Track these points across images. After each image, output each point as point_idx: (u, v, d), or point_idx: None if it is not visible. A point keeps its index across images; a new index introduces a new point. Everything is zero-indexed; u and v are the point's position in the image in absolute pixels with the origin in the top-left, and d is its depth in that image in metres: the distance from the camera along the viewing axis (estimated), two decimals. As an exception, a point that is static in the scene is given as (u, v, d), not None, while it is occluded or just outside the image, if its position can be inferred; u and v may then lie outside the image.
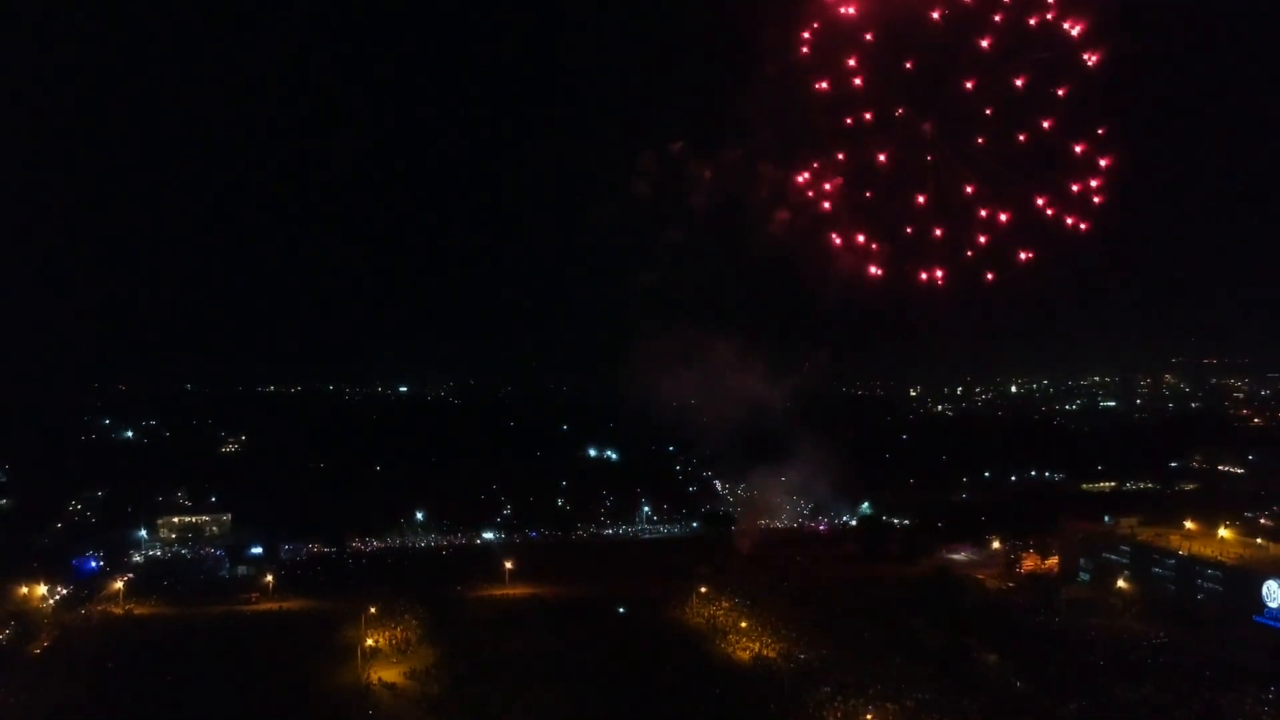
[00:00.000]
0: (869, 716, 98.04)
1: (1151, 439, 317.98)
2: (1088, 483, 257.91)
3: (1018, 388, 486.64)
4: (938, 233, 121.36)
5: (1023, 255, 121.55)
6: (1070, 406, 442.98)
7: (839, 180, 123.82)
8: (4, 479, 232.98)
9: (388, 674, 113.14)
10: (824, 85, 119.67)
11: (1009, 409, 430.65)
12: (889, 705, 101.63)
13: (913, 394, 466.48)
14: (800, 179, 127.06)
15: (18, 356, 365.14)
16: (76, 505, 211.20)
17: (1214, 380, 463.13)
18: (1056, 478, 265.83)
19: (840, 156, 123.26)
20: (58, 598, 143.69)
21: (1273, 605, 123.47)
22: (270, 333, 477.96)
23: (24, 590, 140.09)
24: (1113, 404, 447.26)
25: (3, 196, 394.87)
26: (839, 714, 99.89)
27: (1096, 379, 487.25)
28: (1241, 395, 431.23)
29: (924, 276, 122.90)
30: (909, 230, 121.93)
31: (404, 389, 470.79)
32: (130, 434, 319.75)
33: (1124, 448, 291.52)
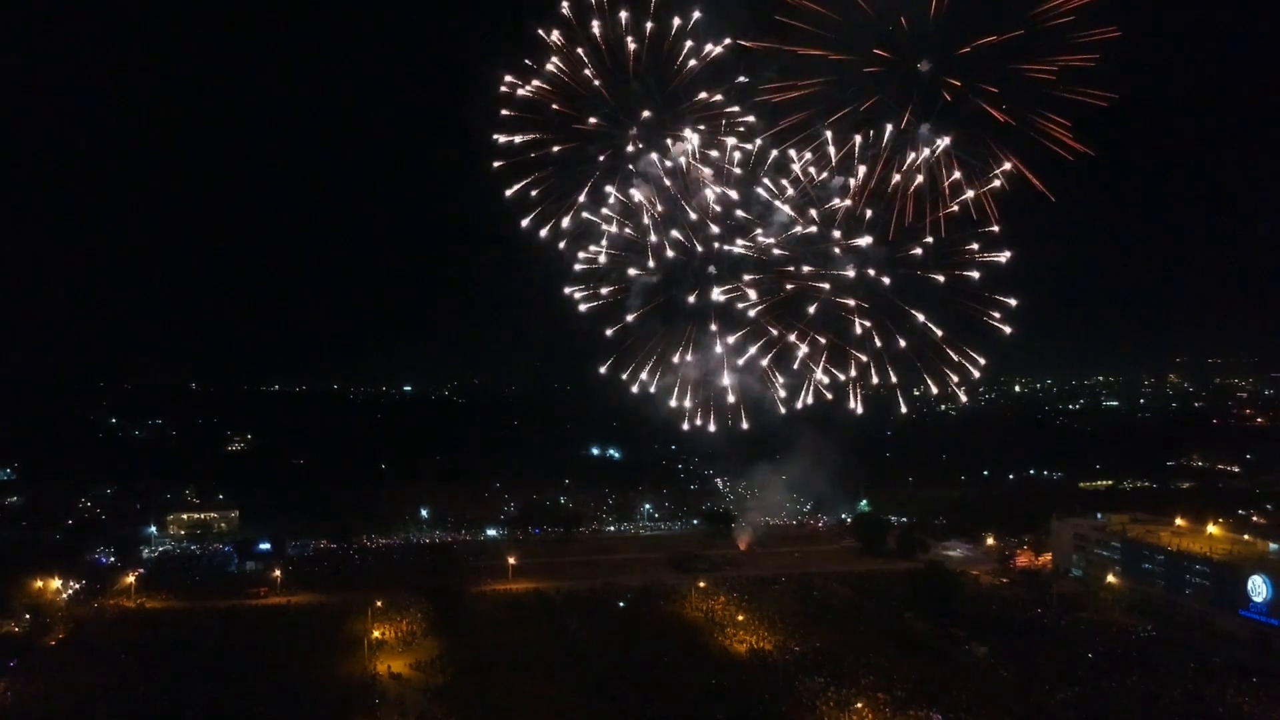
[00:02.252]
0: (860, 704, 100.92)
1: (1151, 438, 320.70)
2: (1086, 481, 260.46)
3: (1021, 387, 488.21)
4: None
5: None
6: (1073, 406, 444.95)
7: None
8: (14, 477, 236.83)
9: (394, 665, 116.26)
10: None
11: (1011, 408, 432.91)
12: (880, 695, 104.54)
13: (916, 393, 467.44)
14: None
15: (24, 356, 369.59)
16: (86, 502, 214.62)
17: (1218, 380, 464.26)
18: (1055, 476, 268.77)
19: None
20: (71, 591, 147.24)
21: (1257, 599, 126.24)
22: (275, 332, 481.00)
23: (39, 584, 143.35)
24: (1115, 404, 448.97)
25: (10, 197, 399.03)
26: (831, 703, 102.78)
27: (1100, 379, 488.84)
28: (1245, 395, 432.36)
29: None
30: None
31: (408, 388, 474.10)
32: (137, 433, 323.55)
33: (1123, 447, 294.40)
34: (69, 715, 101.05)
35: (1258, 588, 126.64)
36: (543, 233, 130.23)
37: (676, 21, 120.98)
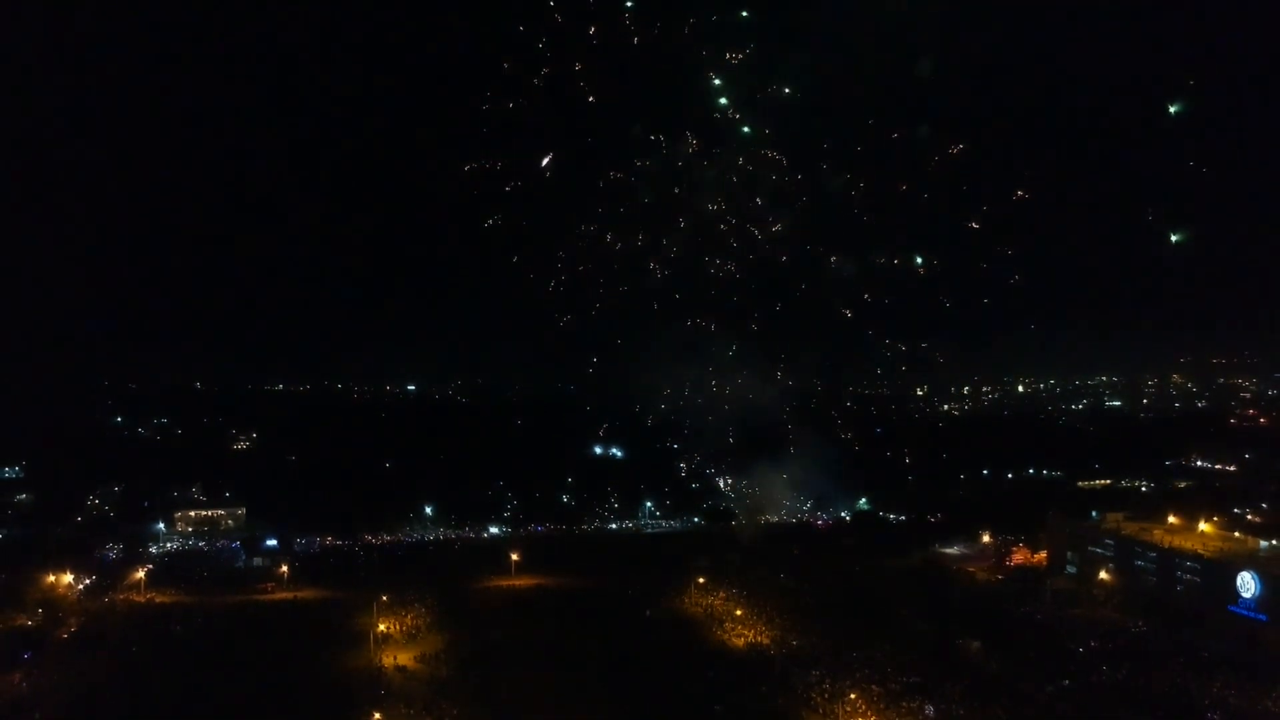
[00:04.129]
0: (853, 695, 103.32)
1: (1151, 438, 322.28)
2: (1085, 480, 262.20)
3: (1025, 387, 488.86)
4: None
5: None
6: (1076, 406, 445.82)
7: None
8: (22, 475, 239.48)
9: (399, 658, 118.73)
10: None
11: (1014, 408, 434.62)
12: (873, 688, 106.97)
13: (919, 393, 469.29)
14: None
15: (29, 356, 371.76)
16: (94, 500, 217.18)
17: (1222, 380, 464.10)
18: (1054, 475, 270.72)
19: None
20: (83, 586, 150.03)
21: (1246, 595, 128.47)
22: (278, 331, 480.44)
23: (51, 579, 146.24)
24: (1118, 404, 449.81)
25: (14, 197, 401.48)
26: (825, 695, 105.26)
27: (1103, 379, 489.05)
28: (1249, 395, 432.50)
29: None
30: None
31: (412, 387, 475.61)
32: (142, 431, 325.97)
33: (1123, 446, 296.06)
34: (82, 705, 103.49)
35: (1246, 584, 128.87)
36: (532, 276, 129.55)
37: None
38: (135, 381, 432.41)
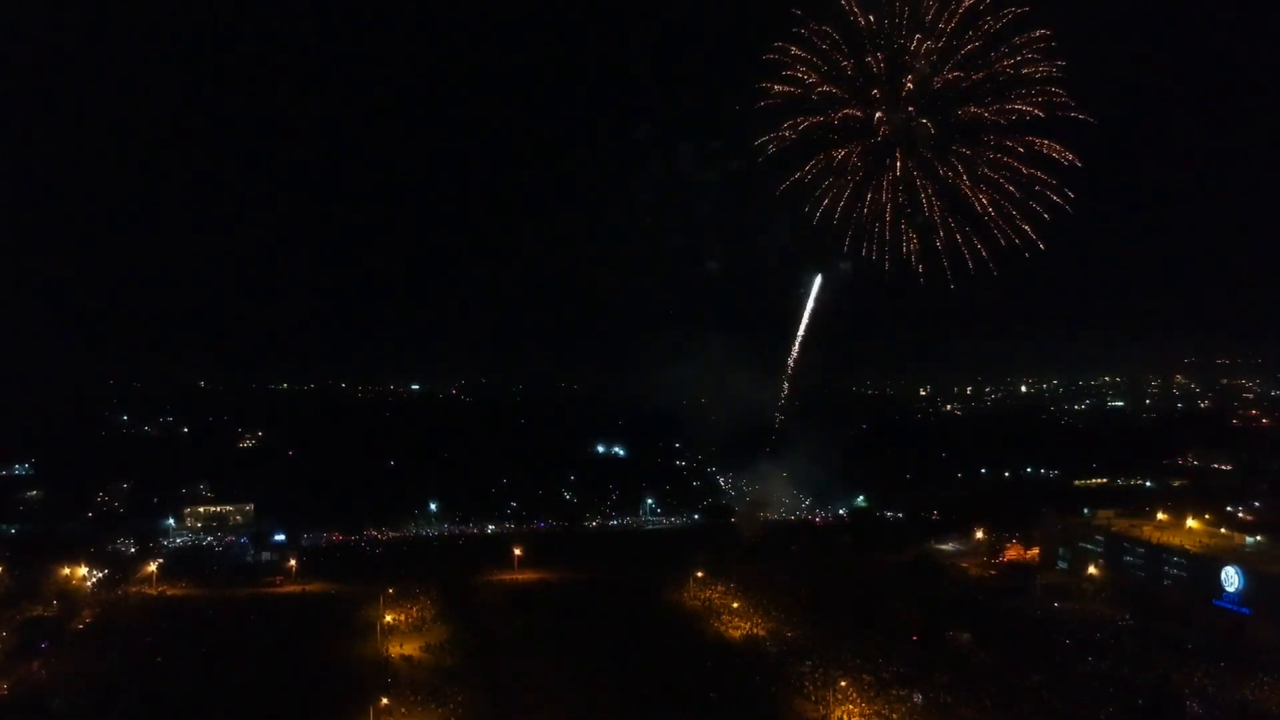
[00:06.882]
0: (844, 683, 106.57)
1: (1150, 437, 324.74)
2: (1081, 479, 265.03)
3: (1028, 388, 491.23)
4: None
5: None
6: (1078, 406, 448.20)
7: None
8: (32, 471, 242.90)
9: (405, 647, 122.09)
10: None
11: (1016, 408, 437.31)
12: (865, 676, 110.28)
13: (922, 393, 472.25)
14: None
15: (36, 355, 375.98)
16: (103, 496, 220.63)
17: (1225, 380, 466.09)
18: (1051, 474, 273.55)
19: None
20: (96, 579, 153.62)
21: (1230, 590, 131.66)
22: (282, 331, 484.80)
23: (66, 571, 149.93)
24: (1120, 404, 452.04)
25: (20, 197, 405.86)
26: (818, 683, 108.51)
27: (1106, 379, 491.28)
28: (1251, 395, 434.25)
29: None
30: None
31: (416, 387, 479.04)
32: (147, 429, 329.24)
33: (1121, 446, 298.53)
34: (96, 693, 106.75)
35: (1230, 578, 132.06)
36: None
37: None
38: (140, 380, 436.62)
